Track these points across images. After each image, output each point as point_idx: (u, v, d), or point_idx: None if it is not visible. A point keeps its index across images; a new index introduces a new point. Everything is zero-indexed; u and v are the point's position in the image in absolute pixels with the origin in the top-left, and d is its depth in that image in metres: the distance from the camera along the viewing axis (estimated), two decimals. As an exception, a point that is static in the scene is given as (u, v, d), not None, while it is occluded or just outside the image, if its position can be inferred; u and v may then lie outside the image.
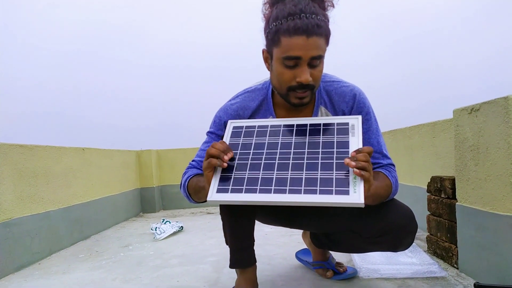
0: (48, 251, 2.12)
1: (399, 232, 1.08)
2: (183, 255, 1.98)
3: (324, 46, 0.98)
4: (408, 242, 1.12)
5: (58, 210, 2.26)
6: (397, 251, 1.16)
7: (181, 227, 2.65)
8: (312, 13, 0.94)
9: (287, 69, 0.98)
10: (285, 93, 1.02)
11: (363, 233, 1.14)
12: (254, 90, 1.19)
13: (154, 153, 3.85)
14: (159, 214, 3.64)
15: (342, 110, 1.13)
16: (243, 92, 1.21)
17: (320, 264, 1.50)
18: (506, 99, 1.15)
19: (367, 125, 1.12)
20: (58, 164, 2.32)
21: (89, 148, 2.75)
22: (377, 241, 1.12)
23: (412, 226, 1.09)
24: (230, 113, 1.17)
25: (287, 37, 0.94)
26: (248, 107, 1.17)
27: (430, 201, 1.74)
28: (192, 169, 1.16)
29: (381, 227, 1.08)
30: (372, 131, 1.12)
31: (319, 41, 0.95)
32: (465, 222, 1.41)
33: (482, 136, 1.28)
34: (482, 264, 1.31)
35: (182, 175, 1.17)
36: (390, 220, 1.07)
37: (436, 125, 2.01)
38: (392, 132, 2.71)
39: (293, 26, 0.93)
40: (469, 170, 1.37)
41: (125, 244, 2.33)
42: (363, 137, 1.11)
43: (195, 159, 1.19)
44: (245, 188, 0.91)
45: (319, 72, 1.00)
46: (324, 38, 0.97)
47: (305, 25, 0.92)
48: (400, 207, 1.10)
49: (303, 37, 0.93)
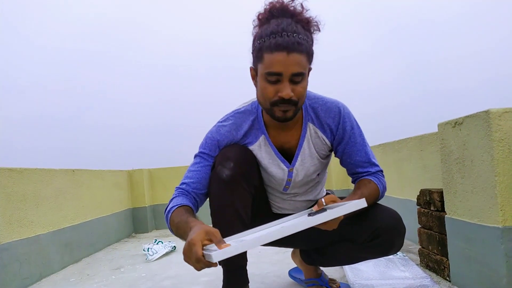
0: (38, 276, 2.08)
1: (390, 234, 1.11)
2: (175, 276, 1.95)
3: (305, 64, 1.01)
4: (398, 245, 1.14)
5: (48, 233, 2.22)
6: (389, 254, 1.18)
7: (174, 247, 2.62)
8: (293, 32, 1.00)
9: (270, 84, 1.02)
10: (269, 107, 1.05)
11: (355, 239, 1.16)
12: (245, 111, 1.21)
13: (146, 172, 3.83)
14: (151, 234, 3.59)
15: (328, 125, 1.19)
16: (233, 113, 1.22)
17: (313, 281, 1.49)
18: (487, 113, 1.18)
19: (353, 139, 1.19)
20: (48, 186, 2.30)
21: (79, 169, 2.73)
22: (369, 245, 1.14)
23: (401, 226, 1.12)
24: (223, 133, 1.18)
25: (269, 54, 0.99)
26: (240, 127, 1.19)
27: (420, 214, 1.75)
28: (179, 198, 1.12)
29: (371, 230, 1.11)
30: (358, 143, 1.19)
31: (300, 58, 0.99)
32: (455, 234, 1.42)
33: (467, 149, 1.31)
34: (473, 276, 1.32)
35: (169, 202, 1.13)
36: (380, 223, 1.11)
37: (423, 138, 2.04)
38: (381, 146, 2.74)
39: (274, 43, 0.98)
40: (456, 182, 1.39)
41: (117, 266, 2.30)
42: (351, 150, 1.19)
43: (185, 181, 1.16)
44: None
45: (302, 88, 1.03)
46: (305, 55, 1.01)
47: (286, 42, 0.97)
48: (387, 211, 1.14)
49: (283, 53, 0.98)
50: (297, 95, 1.02)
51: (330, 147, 1.22)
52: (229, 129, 1.18)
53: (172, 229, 1.06)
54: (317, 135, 1.19)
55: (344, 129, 1.18)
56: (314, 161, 1.22)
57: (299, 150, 1.19)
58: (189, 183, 1.15)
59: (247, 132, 1.19)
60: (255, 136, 1.19)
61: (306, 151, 1.20)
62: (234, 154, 1.14)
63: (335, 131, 1.18)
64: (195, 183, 1.14)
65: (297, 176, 1.22)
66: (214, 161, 1.16)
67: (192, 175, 1.16)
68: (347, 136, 1.18)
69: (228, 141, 1.18)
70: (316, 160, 1.22)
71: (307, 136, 1.19)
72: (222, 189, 1.12)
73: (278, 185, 1.25)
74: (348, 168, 1.24)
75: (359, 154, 1.19)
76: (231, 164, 1.11)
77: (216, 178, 1.12)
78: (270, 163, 1.20)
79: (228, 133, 1.18)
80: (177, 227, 1.01)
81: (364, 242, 1.14)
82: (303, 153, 1.20)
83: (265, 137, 1.18)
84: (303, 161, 1.20)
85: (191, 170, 1.17)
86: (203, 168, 1.16)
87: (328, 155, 1.26)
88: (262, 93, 1.05)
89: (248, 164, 1.16)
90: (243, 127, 1.19)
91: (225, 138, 1.18)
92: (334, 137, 1.20)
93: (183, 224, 0.97)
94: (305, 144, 1.19)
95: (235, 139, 1.18)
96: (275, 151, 1.19)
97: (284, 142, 1.20)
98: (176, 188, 1.17)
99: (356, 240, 1.16)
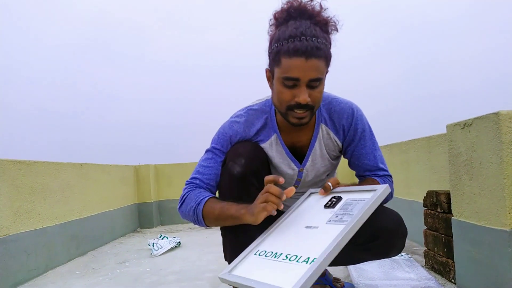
0: (44, 268, 2.10)
1: (389, 236, 1.09)
2: (180, 271, 1.96)
3: (323, 69, 1.00)
4: (399, 247, 1.13)
5: (55, 226, 2.25)
6: (390, 256, 1.16)
7: (178, 242, 2.64)
8: (312, 36, 0.97)
9: (287, 88, 1.00)
10: (285, 112, 1.04)
11: (355, 240, 1.15)
12: (258, 109, 1.20)
13: (152, 168, 3.85)
14: (156, 229, 3.62)
15: (342, 126, 1.18)
16: (247, 110, 1.21)
17: (317, 280, 1.49)
18: (497, 115, 1.17)
19: (363, 141, 1.18)
20: (56, 179, 2.32)
21: (87, 163, 2.76)
22: (370, 247, 1.12)
23: (403, 229, 1.10)
24: (236, 129, 1.17)
25: (287, 58, 0.97)
26: (253, 124, 1.18)
27: (426, 215, 1.74)
28: (200, 190, 1.12)
29: (371, 232, 1.09)
30: (367, 147, 1.18)
31: (318, 63, 0.97)
32: (461, 236, 1.41)
33: (475, 151, 1.30)
34: (479, 279, 1.31)
35: (186, 195, 1.12)
36: (380, 225, 1.08)
37: (431, 139, 2.03)
38: (389, 146, 2.72)
39: (293, 47, 0.96)
40: (464, 184, 1.38)
41: (122, 260, 2.32)
42: (360, 153, 1.18)
43: (197, 177, 1.14)
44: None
45: (319, 93, 1.02)
46: (324, 60, 0.99)
47: (304, 47, 0.95)
48: (388, 212, 1.12)
49: (302, 58, 0.95)
50: (314, 100, 1.01)
51: (341, 148, 1.22)
52: (242, 125, 1.17)
53: (209, 217, 1.06)
54: (329, 136, 1.19)
55: (356, 131, 1.17)
56: (325, 162, 1.21)
57: (310, 150, 1.19)
58: (202, 178, 1.14)
59: (260, 130, 1.18)
60: (267, 135, 1.18)
61: (317, 151, 1.19)
62: (245, 150, 1.13)
63: (347, 132, 1.18)
64: (208, 179, 1.14)
65: (307, 176, 1.22)
66: (225, 157, 1.16)
67: (204, 171, 1.15)
68: (357, 138, 1.17)
69: (240, 137, 1.17)
70: (327, 161, 1.22)
71: (319, 137, 1.18)
72: (233, 185, 1.12)
73: (288, 184, 1.25)
74: (356, 170, 1.24)
75: (368, 157, 1.18)
76: (242, 161, 1.10)
77: (227, 174, 1.12)
78: (280, 162, 1.20)
79: (241, 129, 1.17)
80: (221, 211, 1.03)
81: (364, 243, 1.13)
82: (314, 154, 1.19)
83: (277, 136, 1.18)
84: (314, 161, 1.20)
85: (203, 166, 1.16)
86: (215, 164, 1.16)
87: (339, 156, 1.26)
88: (278, 97, 1.04)
89: (259, 162, 1.15)
90: (255, 125, 1.18)
91: (237, 134, 1.17)
92: (345, 138, 1.19)
93: (230, 206, 1.01)
94: (316, 145, 1.18)
95: (248, 136, 1.18)
96: (286, 151, 1.19)
97: (296, 141, 1.19)
98: (188, 182, 1.16)
99: (355, 241, 1.15)
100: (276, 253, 0.87)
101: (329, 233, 0.84)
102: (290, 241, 0.90)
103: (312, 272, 0.72)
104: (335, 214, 0.92)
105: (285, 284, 0.71)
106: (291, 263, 0.79)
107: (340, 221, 0.87)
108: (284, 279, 0.73)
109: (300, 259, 0.79)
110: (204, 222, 1.09)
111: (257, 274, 0.83)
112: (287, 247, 0.87)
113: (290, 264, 0.79)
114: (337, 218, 0.89)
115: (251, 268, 0.89)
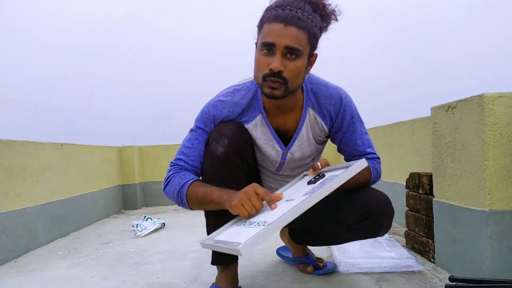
0: (24, 249, 2.07)
1: (378, 216, 1.11)
2: (164, 251, 1.96)
3: (303, 41, 0.97)
4: (386, 227, 1.15)
5: (35, 206, 2.20)
6: (377, 236, 1.19)
7: (163, 223, 2.63)
8: (298, 8, 0.97)
9: (264, 56, 1.00)
10: (261, 83, 1.02)
11: (343, 220, 1.16)
12: (244, 89, 1.17)
13: (136, 149, 3.80)
14: (141, 211, 3.60)
15: (329, 112, 1.17)
16: (232, 89, 1.18)
17: (300, 259, 1.51)
18: (481, 97, 1.18)
19: (352, 128, 1.18)
20: (36, 159, 2.26)
21: (68, 143, 2.70)
22: (358, 227, 1.14)
23: (390, 210, 1.13)
24: (219, 109, 1.15)
25: (267, 24, 0.98)
26: (238, 103, 1.15)
27: (408, 197, 1.77)
28: (185, 173, 1.11)
29: (361, 212, 1.11)
30: (357, 133, 1.19)
31: (297, 33, 0.96)
32: (442, 217, 1.44)
33: (458, 133, 1.31)
34: (457, 258, 1.34)
35: (171, 177, 1.12)
36: (369, 205, 1.11)
37: (415, 122, 2.04)
38: (373, 129, 2.74)
39: (275, 14, 0.97)
40: (446, 166, 1.40)
41: (105, 241, 2.30)
42: (349, 139, 1.19)
43: (182, 158, 1.13)
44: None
45: (295, 67, 0.99)
46: (305, 33, 0.97)
47: (285, 15, 0.96)
48: (377, 193, 1.14)
49: (280, 24, 0.96)
50: (289, 72, 0.98)
51: (328, 133, 1.21)
52: (226, 105, 1.15)
53: (193, 201, 1.07)
54: (316, 121, 1.18)
55: (344, 118, 1.16)
56: (311, 146, 1.21)
57: (297, 134, 1.18)
58: (186, 160, 1.13)
59: (245, 110, 1.16)
60: (252, 115, 1.16)
61: (304, 136, 1.18)
62: (228, 131, 1.11)
63: (335, 118, 1.17)
64: (192, 160, 1.13)
65: (291, 159, 1.21)
66: (208, 137, 1.14)
67: (188, 152, 1.14)
68: (345, 125, 1.17)
69: (224, 117, 1.15)
70: (313, 146, 1.21)
71: (306, 121, 1.17)
72: (216, 166, 1.10)
73: (271, 165, 1.24)
74: (346, 155, 1.24)
75: (357, 143, 1.19)
76: (226, 141, 1.09)
77: (210, 154, 1.11)
78: (265, 143, 1.18)
79: (225, 109, 1.15)
80: (204, 196, 1.03)
81: (353, 223, 1.14)
82: (301, 138, 1.18)
83: (262, 116, 1.16)
84: (301, 146, 1.19)
85: (187, 146, 1.15)
86: (199, 145, 1.14)
87: (324, 141, 1.25)
88: (256, 67, 1.02)
89: (242, 142, 1.13)
90: (240, 105, 1.15)
91: (221, 114, 1.14)
92: (332, 124, 1.18)
93: (212, 191, 1.02)
94: (303, 129, 1.17)
95: (232, 116, 1.15)
96: (271, 131, 1.17)
97: (281, 124, 1.17)
98: (172, 163, 1.15)
99: (345, 221, 1.17)
100: (251, 222, 0.93)
101: (295, 202, 0.88)
102: (268, 212, 0.94)
103: (262, 232, 0.80)
104: (312, 188, 0.95)
105: (240, 241, 0.81)
106: (256, 227, 0.86)
107: (312, 193, 0.89)
108: (242, 238, 0.82)
109: (262, 223, 0.87)
110: (188, 205, 1.09)
111: (229, 237, 0.93)
112: (262, 216, 0.93)
113: (254, 228, 0.86)
114: (312, 191, 0.91)
115: (227, 234, 0.96)
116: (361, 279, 1.39)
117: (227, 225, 1.03)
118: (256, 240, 0.79)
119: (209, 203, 1.03)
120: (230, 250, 0.82)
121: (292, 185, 1.13)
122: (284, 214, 0.83)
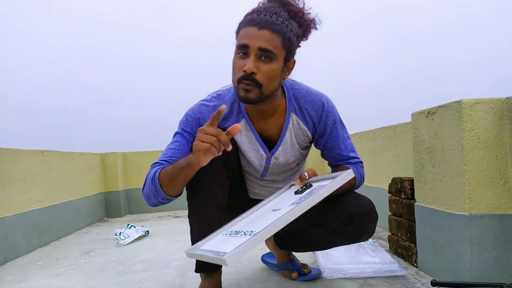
0: (2, 259, 2.00)
1: (363, 220, 1.12)
2: (147, 260, 1.93)
3: (277, 44, 0.99)
4: (371, 231, 1.16)
5: (14, 216, 2.14)
6: (361, 240, 1.19)
7: (146, 231, 2.59)
8: (273, 13, 1.00)
9: (239, 59, 1.01)
10: (236, 86, 1.03)
11: (328, 224, 1.17)
12: (226, 93, 1.18)
13: (120, 156, 3.75)
14: (124, 218, 3.54)
15: (311, 117, 1.18)
16: (216, 95, 1.19)
17: (285, 265, 1.51)
18: (459, 103, 1.20)
19: (335, 133, 1.19)
20: (15, 167, 2.21)
21: (48, 150, 2.64)
22: (342, 231, 1.15)
23: (374, 214, 1.14)
24: (204, 113, 1.15)
25: (243, 28, 1.01)
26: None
27: (391, 201, 1.79)
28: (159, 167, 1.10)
29: (345, 216, 1.12)
30: (340, 138, 1.20)
31: (271, 36, 0.98)
32: (423, 221, 1.46)
33: (438, 138, 1.34)
34: (439, 262, 1.36)
35: (147, 174, 1.10)
36: (353, 210, 1.11)
37: (397, 128, 2.08)
38: (357, 134, 2.77)
39: (250, 18, 1.00)
40: (426, 171, 1.43)
41: (87, 250, 2.25)
42: (332, 144, 1.20)
43: (165, 159, 1.12)
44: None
45: (269, 70, 1.00)
46: (280, 37, 0.99)
47: (259, 19, 0.99)
48: (361, 198, 1.15)
49: (255, 28, 0.99)
50: (262, 75, 0.99)
51: (311, 138, 1.22)
52: (211, 109, 1.15)
53: (165, 180, 1.03)
54: (299, 127, 1.18)
55: (326, 124, 1.17)
56: (295, 151, 1.21)
57: (281, 140, 1.18)
58: (169, 160, 1.10)
59: (227, 116, 1.16)
60: (236, 120, 1.16)
61: (288, 141, 1.19)
62: None
63: (317, 124, 1.18)
64: (175, 160, 1.11)
65: (276, 164, 1.21)
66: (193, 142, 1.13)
67: (172, 153, 1.12)
68: (328, 130, 1.18)
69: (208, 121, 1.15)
70: (297, 151, 1.22)
71: (290, 127, 1.17)
72: (200, 171, 1.10)
73: (256, 171, 1.24)
74: (329, 160, 1.25)
75: (340, 148, 1.20)
76: None
77: None
78: (249, 148, 1.18)
79: (210, 113, 1.14)
80: (173, 168, 1.01)
81: (338, 228, 1.15)
82: (285, 144, 1.19)
83: (246, 121, 1.16)
84: (285, 151, 1.20)
85: (171, 148, 1.13)
86: (184, 147, 1.13)
87: (308, 146, 1.26)
88: (232, 70, 1.04)
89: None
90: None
91: (206, 118, 1.14)
92: (316, 130, 1.19)
93: (178, 161, 1.00)
94: (287, 135, 1.18)
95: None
96: (256, 136, 1.17)
97: (264, 129, 1.18)
98: (154, 163, 1.13)
99: (329, 226, 1.17)
100: (238, 231, 0.93)
101: (282, 212, 0.89)
102: (254, 221, 0.95)
103: (248, 241, 0.79)
104: (299, 198, 0.95)
105: (226, 250, 0.79)
106: (242, 236, 0.86)
107: (299, 203, 0.89)
108: (228, 248, 0.81)
109: (249, 233, 0.87)
110: (162, 189, 1.04)
111: (214, 247, 0.92)
112: (249, 226, 0.93)
113: (240, 238, 0.86)
114: (299, 201, 0.91)
115: (213, 244, 0.96)
116: (345, 284, 1.39)
117: (213, 234, 1.02)
118: (242, 250, 0.79)
119: (179, 171, 0.99)
120: (216, 260, 0.81)
121: (279, 195, 1.13)
122: (271, 224, 0.83)
